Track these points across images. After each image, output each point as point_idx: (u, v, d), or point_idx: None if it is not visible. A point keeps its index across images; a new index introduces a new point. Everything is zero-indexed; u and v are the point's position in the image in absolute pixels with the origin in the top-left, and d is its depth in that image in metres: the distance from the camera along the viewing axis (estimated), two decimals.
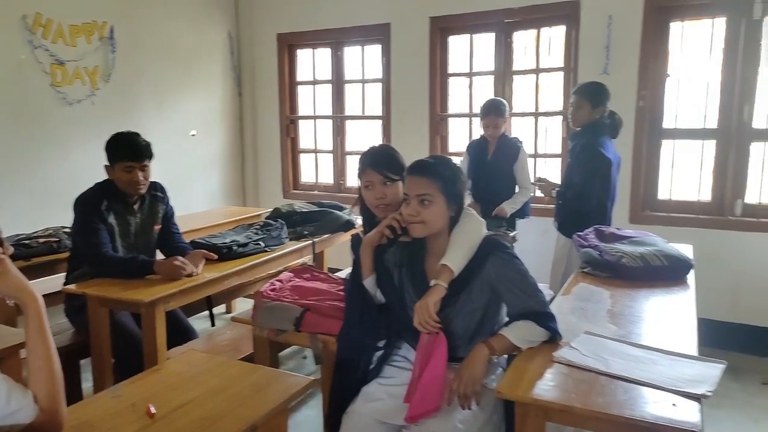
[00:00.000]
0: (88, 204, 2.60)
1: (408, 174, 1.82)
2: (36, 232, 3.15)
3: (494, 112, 3.58)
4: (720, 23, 3.63)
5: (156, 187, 2.84)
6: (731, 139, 3.64)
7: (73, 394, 2.64)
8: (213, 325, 3.20)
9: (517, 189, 3.68)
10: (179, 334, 2.74)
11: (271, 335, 2.08)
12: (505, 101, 3.72)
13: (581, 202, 2.99)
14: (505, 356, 1.82)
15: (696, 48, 3.74)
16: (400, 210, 1.85)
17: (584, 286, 2.29)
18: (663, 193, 3.90)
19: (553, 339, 1.73)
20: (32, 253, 2.91)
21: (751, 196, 3.63)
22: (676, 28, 3.79)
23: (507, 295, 1.78)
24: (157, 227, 2.83)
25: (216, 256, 2.67)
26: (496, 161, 3.64)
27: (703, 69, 3.70)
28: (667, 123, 3.83)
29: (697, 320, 1.96)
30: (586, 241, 2.61)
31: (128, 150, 2.60)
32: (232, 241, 2.87)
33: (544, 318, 1.74)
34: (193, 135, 5.00)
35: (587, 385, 1.47)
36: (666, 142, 3.86)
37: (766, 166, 3.56)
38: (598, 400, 1.40)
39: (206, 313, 3.19)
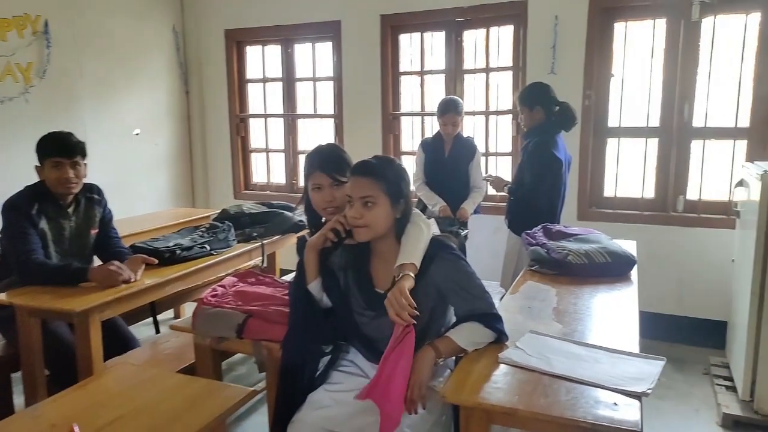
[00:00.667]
0: (17, 208, 2.45)
1: (351, 175, 1.78)
2: None
3: (453, 110, 3.58)
4: (661, 24, 3.73)
5: (92, 189, 2.71)
6: (672, 137, 3.75)
7: (5, 409, 2.50)
8: (157, 332, 3.08)
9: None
10: (118, 343, 2.63)
11: (213, 343, 2.00)
12: (461, 100, 3.72)
13: (531, 201, 3.02)
14: (453, 358, 1.80)
15: (639, 48, 3.84)
16: (344, 212, 1.80)
17: (532, 284, 2.31)
18: (609, 191, 3.98)
19: (500, 340, 1.72)
20: None
21: (692, 193, 3.74)
22: (619, 28, 3.87)
23: (453, 297, 1.76)
24: (94, 231, 2.70)
25: (156, 261, 2.56)
26: (453, 160, 3.64)
27: (645, 69, 3.80)
28: (612, 122, 3.92)
29: (643, 314, 2.00)
30: (534, 240, 2.63)
31: (57, 145, 2.47)
32: (175, 245, 2.76)
33: (490, 319, 1.73)
34: (137, 134, 4.81)
35: (531, 386, 1.47)
36: (611, 141, 3.95)
37: (705, 164, 3.68)
38: (540, 401, 1.39)
39: (151, 319, 3.07)
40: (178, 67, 5.17)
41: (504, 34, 4.23)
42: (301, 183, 5.05)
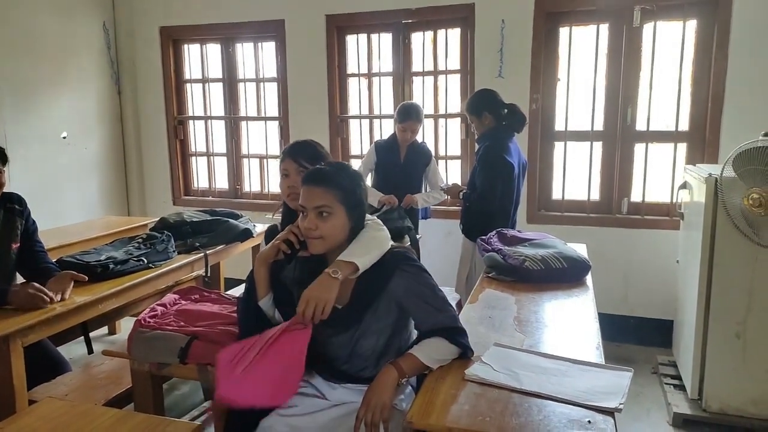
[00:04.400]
0: None
1: (303, 184, 1.66)
2: None
3: (415, 117, 3.50)
4: (604, 30, 3.80)
5: (12, 199, 2.45)
6: (616, 140, 3.83)
7: None
8: (90, 352, 2.84)
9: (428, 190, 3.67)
10: (47, 366, 2.39)
11: (153, 369, 1.82)
12: (421, 106, 3.66)
13: (484, 206, 2.98)
14: None
15: (583, 53, 3.89)
16: (297, 223, 1.68)
17: (490, 292, 2.26)
18: (556, 194, 4.02)
19: (464, 355, 1.65)
20: None
21: (636, 195, 3.83)
22: (564, 33, 3.91)
23: (416, 310, 1.67)
24: (15, 246, 2.44)
25: (86, 278, 2.33)
26: (407, 165, 3.57)
27: (590, 73, 3.85)
28: (559, 126, 3.96)
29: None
30: (490, 245, 2.59)
31: None
32: (107, 258, 2.54)
33: (455, 333, 1.65)
34: (64, 138, 4.47)
35: (501, 405, 1.40)
36: (558, 144, 3.99)
37: (648, 166, 3.77)
38: (513, 422, 1.32)
39: (83, 338, 2.83)
40: (108, 66, 4.85)
41: (452, 37, 4.20)
42: (246, 188, 4.91)
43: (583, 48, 3.89)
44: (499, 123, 3.07)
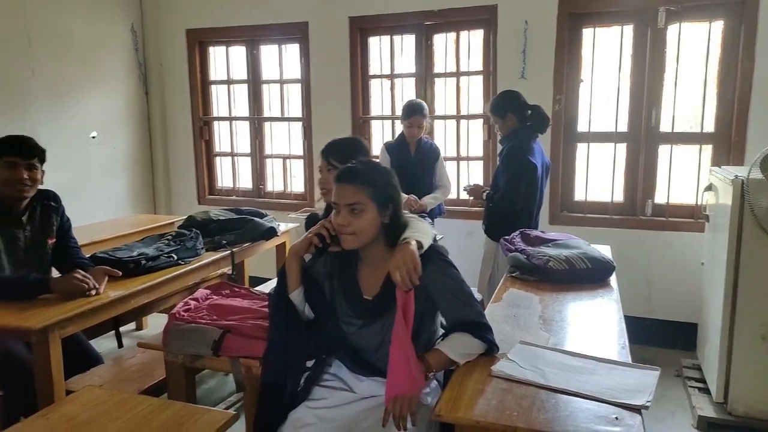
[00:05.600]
0: None
1: (336, 182, 1.70)
2: None
3: (419, 112, 3.58)
4: (628, 31, 3.79)
5: (48, 196, 2.54)
6: (641, 142, 3.81)
7: None
8: (120, 346, 2.91)
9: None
10: (81, 359, 2.47)
11: (186, 361, 1.87)
12: (424, 102, 3.71)
13: (507, 206, 2.99)
14: None
15: (607, 54, 3.88)
16: (330, 218, 1.72)
17: (514, 292, 2.27)
18: (579, 195, 4.02)
19: (490, 351, 1.68)
20: None
21: (660, 197, 3.81)
22: (588, 34, 3.91)
23: (443, 303, 1.71)
24: (51, 241, 2.52)
25: (120, 273, 2.41)
26: (418, 162, 3.62)
27: (613, 75, 3.84)
28: (582, 127, 3.95)
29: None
30: (513, 245, 2.61)
31: (13, 144, 2.33)
32: (139, 255, 2.61)
33: (480, 329, 1.68)
34: (93, 137, 4.58)
35: (528, 401, 1.42)
36: (580, 146, 3.98)
37: (672, 168, 3.74)
38: (540, 417, 1.35)
39: (112, 332, 2.91)
40: (137, 67, 4.96)
41: (474, 38, 4.22)
42: (269, 188, 4.98)
43: (606, 49, 3.88)
44: (522, 124, 3.09)
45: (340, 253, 1.75)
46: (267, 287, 2.34)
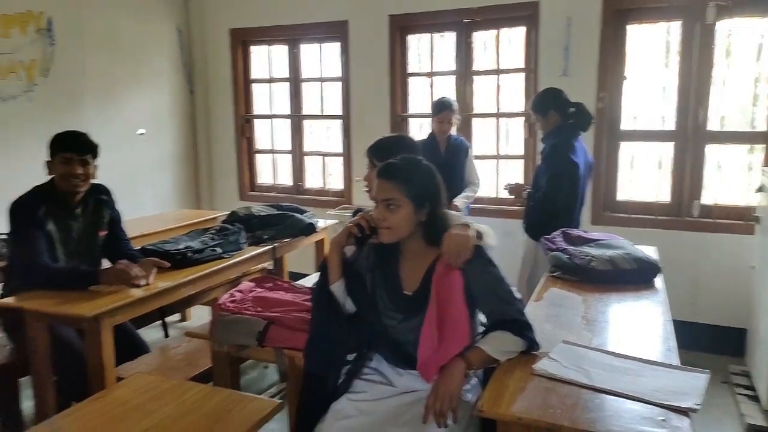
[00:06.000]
0: (23, 209, 2.38)
1: (377, 177, 1.73)
2: None
3: (448, 107, 3.66)
4: (675, 27, 3.69)
5: (100, 190, 2.64)
6: (688, 141, 3.70)
7: (13, 416, 2.43)
8: (166, 336, 3.00)
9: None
10: (129, 347, 2.55)
11: (232, 350, 1.93)
12: (453, 99, 3.78)
13: (548, 205, 2.96)
14: None
15: (652, 51, 3.79)
16: (371, 211, 1.75)
17: (555, 291, 2.25)
18: (622, 195, 3.93)
19: (531, 349, 1.67)
20: None
21: (708, 198, 3.70)
22: (633, 30, 3.82)
23: (484, 301, 1.71)
24: (102, 233, 2.62)
25: (168, 264, 2.49)
26: (449, 159, 3.64)
27: (659, 72, 3.75)
28: (625, 125, 3.87)
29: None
30: (554, 245, 2.57)
31: (68, 140, 2.43)
32: (186, 247, 2.69)
33: (521, 327, 1.67)
34: (141, 134, 4.73)
35: (572, 400, 1.41)
36: (624, 144, 3.89)
37: (721, 168, 3.63)
38: (584, 416, 1.33)
39: (158, 322, 3.00)
40: (182, 66, 5.09)
41: (515, 36, 4.18)
42: (308, 184, 5.05)
43: (651, 46, 3.79)
44: (565, 121, 3.05)
45: (381, 246, 1.77)
46: (307, 282, 2.38)
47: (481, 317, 1.81)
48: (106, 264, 2.62)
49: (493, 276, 1.70)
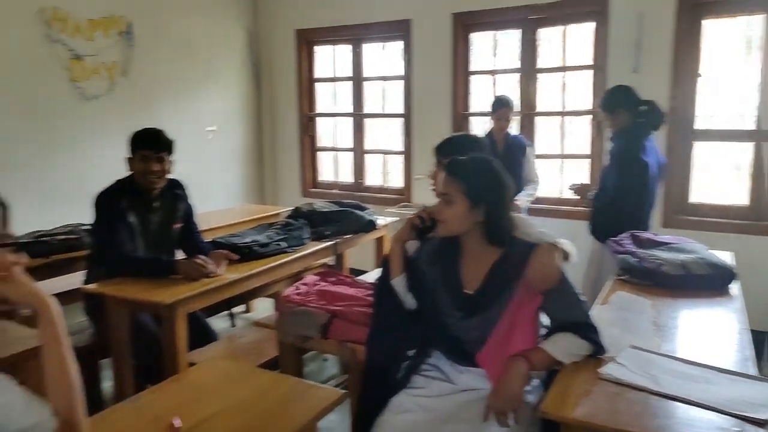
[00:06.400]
0: (107, 202, 2.54)
1: (444, 169, 1.75)
2: (55, 228, 3.09)
3: (506, 105, 3.70)
4: (757, 21, 3.49)
5: (175, 185, 2.78)
6: None
7: (93, 395, 2.60)
8: (233, 325, 3.13)
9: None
10: (199, 335, 2.67)
11: (297, 341, 1.99)
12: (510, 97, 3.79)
13: (616, 207, 2.87)
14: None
15: (730, 46, 3.60)
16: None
17: (623, 295, 2.18)
18: (696, 197, 3.76)
19: (597, 353, 1.63)
20: (51, 250, 2.85)
21: None
22: (709, 25, 3.64)
23: (549, 302, 1.69)
24: (177, 226, 2.76)
25: (237, 257, 2.60)
26: (507, 157, 3.59)
27: (737, 68, 3.56)
28: (699, 124, 3.69)
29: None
30: (622, 247, 2.50)
31: (146, 138, 2.57)
32: (252, 241, 2.79)
33: (586, 330, 1.64)
34: (211, 131, 4.94)
35: (640, 407, 1.37)
36: (698, 144, 3.72)
37: None
38: (653, 423, 1.30)
39: (225, 312, 3.13)
40: (250, 66, 5.27)
41: (583, 32, 4.07)
42: (368, 182, 5.11)
43: (729, 41, 3.60)
44: (635, 120, 2.94)
45: (442, 244, 1.79)
46: (369, 277, 2.42)
47: (543, 318, 1.79)
48: (179, 255, 2.76)
49: (560, 277, 1.68)
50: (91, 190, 2.58)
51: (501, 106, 3.69)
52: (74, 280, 2.73)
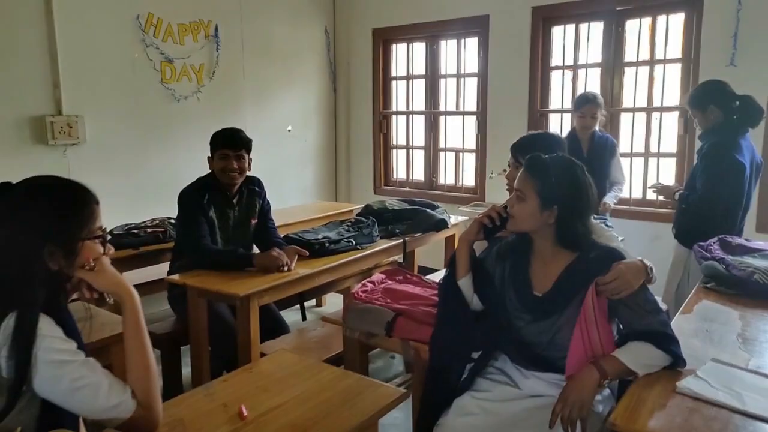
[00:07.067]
0: (191, 198, 2.69)
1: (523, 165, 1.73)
2: (144, 222, 3.32)
3: (591, 101, 3.45)
4: None
5: (253, 182, 2.90)
6: None
7: (174, 379, 2.77)
8: (304, 319, 3.22)
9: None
10: (272, 327, 2.78)
11: (362, 338, 2.02)
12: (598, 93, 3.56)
13: (704, 209, 2.68)
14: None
15: None
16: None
17: (708, 305, 2.04)
18: None
19: (675, 365, 1.54)
20: (140, 242, 3.06)
21: None
22: None
23: (623, 310, 1.61)
24: (254, 221, 2.88)
25: (308, 253, 2.67)
26: (593, 159, 3.40)
27: None
28: None
29: None
30: (710, 253, 2.33)
31: (225, 138, 2.70)
32: (323, 238, 2.86)
33: (664, 340, 1.55)
34: (289, 130, 5.10)
35: (720, 424, 1.28)
36: None
37: None
38: None
39: (297, 306, 3.22)
40: (328, 66, 5.39)
41: (672, 23, 3.83)
42: (441, 180, 5.09)
43: None
44: (728, 117, 2.73)
45: (512, 245, 1.75)
46: (437, 277, 2.41)
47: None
48: (255, 249, 2.88)
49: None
50: (179, 186, 2.75)
51: (585, 102, 3.46)
52: (161, 270, 2.91)
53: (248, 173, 2.82)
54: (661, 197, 3.17)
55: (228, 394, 1.47)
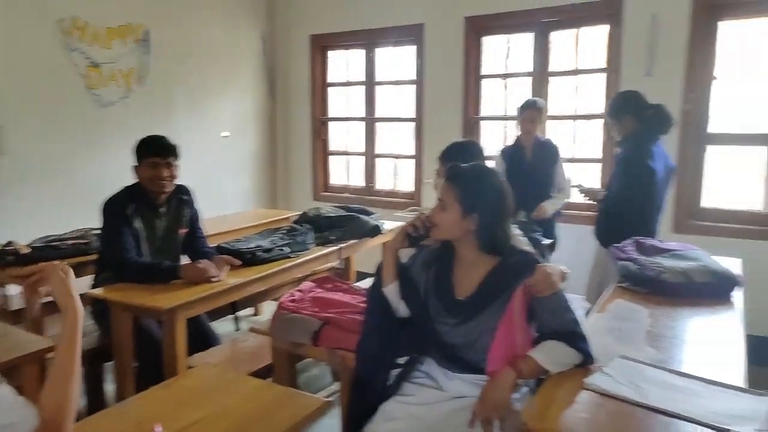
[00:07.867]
0: (115, 207, 2.60)
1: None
2: (66, 233, 3.18)
3: (532, 105, 3.55)
4: None
5: (182, 190, 2.83)
6: None
7: (97, 396, 2.66)
8: (237, 329, 3.17)
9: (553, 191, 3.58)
10: (202, 339, 2.72)
11: (290, 348, 2.01)
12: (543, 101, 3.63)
13: (620, 212, 2.83)
14: None
15: (747, 48, 3.51)
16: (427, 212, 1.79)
17: (621, 303, 2.15)
18: (708, 202, 3.68)
19: (586, 362, 1.61)
20: (60, 255, 2.91)
21: None
22: (725, 27, 3.56)
23: (539, 310, 1.68)
24: (183, 231, 2.81)
25: (240, 262, 2.63)
26: (535, 164, 3.53)
27: (754, 71, 3.47)
28: (713, 128, 3.61)
29: (747, 337, 1.81)
30: (624, 254, 2.46)
31: (154, 146, 2.62)
32: (256, 246, 2.82)
33: (575, 339, 1.62)
34: (225, 136, 5.01)
35: (622, 418, 1.35)
36: (710, 148, 3.64)
37: None
38: None
39: (231, 316, 3.17)
40: (264, 72, 5.34)
41: (596, 35, 4.02)
42: (378, 186, 5.13)
43: (746, 43, 3.52)
44: (642, 126, 2.89)
45: (436, 252, 1.79)
46: (366, 284, 2.43)
47: None
48: (184, 260, 2.81)
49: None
50: (105, 196, 2.65)
51: (526, 107, 3.55)
52: (84, 284, 2.78)
53: (177, 181, 2.75)
54: (587, 199, 3.31)
55: (145, 411, 1.44)
